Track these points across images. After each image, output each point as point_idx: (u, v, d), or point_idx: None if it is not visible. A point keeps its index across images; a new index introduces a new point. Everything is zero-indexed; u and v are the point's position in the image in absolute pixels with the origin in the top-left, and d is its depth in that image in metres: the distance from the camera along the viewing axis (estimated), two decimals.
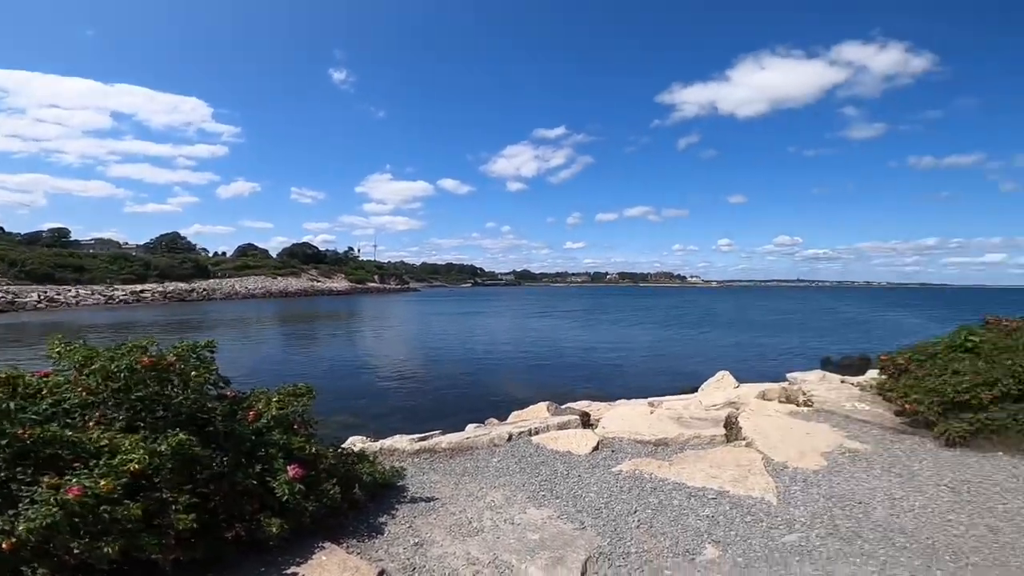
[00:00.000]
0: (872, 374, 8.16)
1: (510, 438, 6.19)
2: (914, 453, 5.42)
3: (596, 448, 5.90)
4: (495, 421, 8.44)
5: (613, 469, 5.22)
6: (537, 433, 6.38)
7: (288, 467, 3.60)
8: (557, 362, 23.36)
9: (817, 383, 8.47)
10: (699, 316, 55.93)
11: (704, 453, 5.66)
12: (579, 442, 6.03)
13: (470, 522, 4.05)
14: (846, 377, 9.05)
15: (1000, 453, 5.14)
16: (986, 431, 5.24)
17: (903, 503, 4.29)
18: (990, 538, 3.65)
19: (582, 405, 8.59)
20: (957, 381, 5.50)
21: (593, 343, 31.33)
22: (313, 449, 3.98)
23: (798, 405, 7.51)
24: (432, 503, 4.46)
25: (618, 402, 9.27)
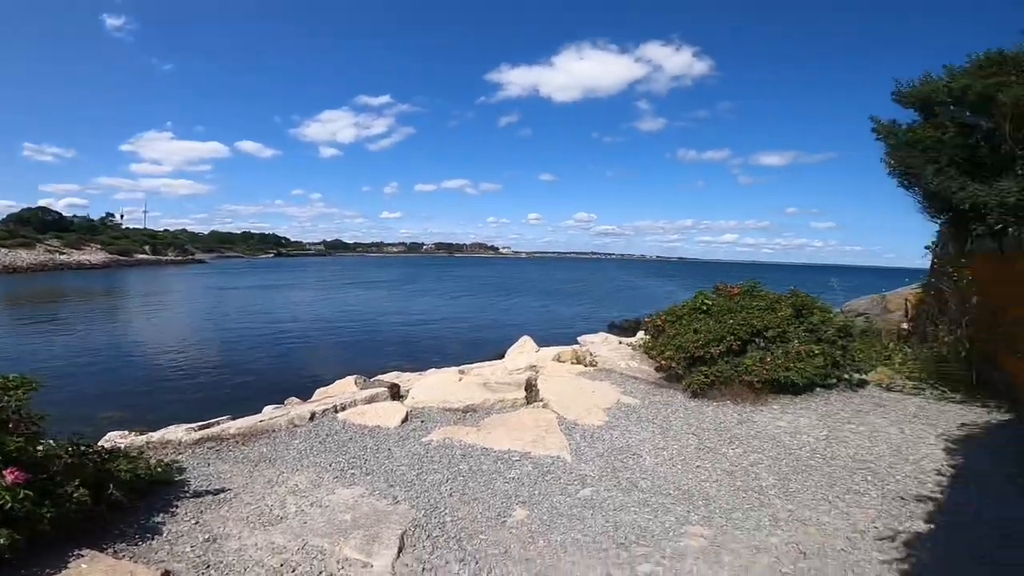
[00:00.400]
0: (641, 335, 9.54)
1: (312, 417, 5.84)
2: (669, 405, 6.48)
3: (406, 420, 5.89)
4: (296, 400, 7.87)
5: (424, 439, 5.27)
6: (344, 409, 6.13)
7: (4, 472, 2.97)
8: (368, 335, 22.71)
9: (601, 344, 9.62)
10: (509, 285, 59.66)
11: (508, 416, 6.03)
12: (388, 415, 5.95)
13: (271, 510, 3.82)
14: (623, 338, 10.45)
15: (728, 402, 6.42)
16: (718, 382, 6.52)
17: (664, 452, 5.02)
18: (727, 482, 4.41)
19: (392, 377, 8.48)
20: (696, 339, 6.73)
21: (407, 313, 31.23)
22: (40, 450, 3.32)
23: (586, 366, 8.45)
24: (222, 495, 4.04)
25: (429, 371, 9.36)
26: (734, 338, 6.50)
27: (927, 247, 10.13)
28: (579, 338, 10.80)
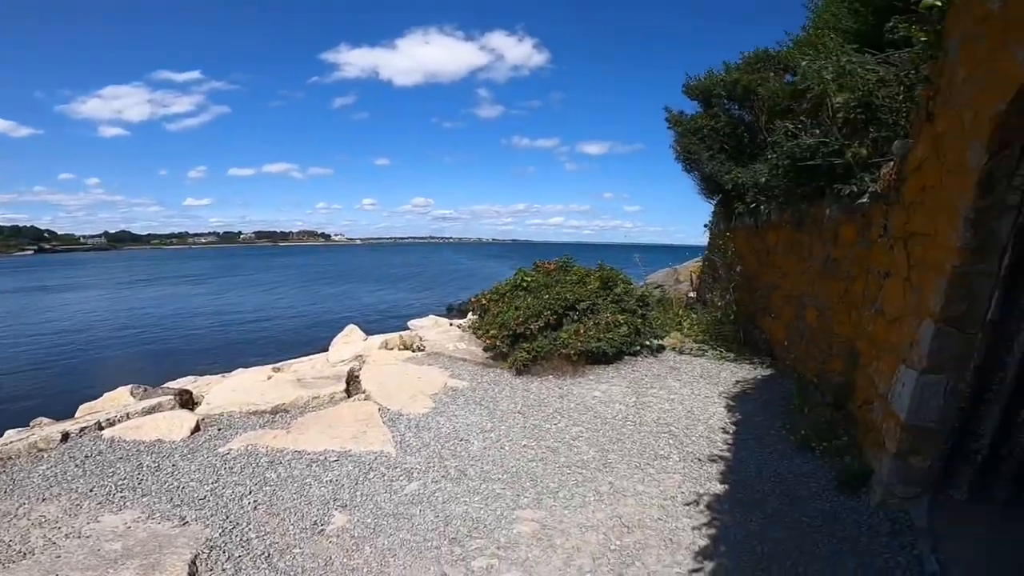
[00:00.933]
0: (472, 316, 9.57)
1: (66, 437, 4.75)
2: (496, 384, 6.53)
3: (197, 429, 5.07)
4: (47, 421, 6.34)
5: (220, 450, 4.59)
6: (112, 425, 5.09)
7: None
8: (163, 339, 19.63)
9: (431, 328, 9.44)
10: (340, 273, 56.49)
11: (324, 413, 5.54)
12: (173, 426, 5.05)
13: (8, 546, 3.24)
14: (455, 320, 10.40)
15: (550, 376, 6.68)
16: (539, 357, 6.76)
17: (492, 434, 5.01)
18: (552, 459, 4.52)
19: (184, 382, 7.28)
20: (516, 315, 6.91)
21: (216, 311, 27.70)
22: None
23: (414, 351, 8.19)
24: None
25: (235, 372, 8.27)
26: (551, 312, 6.78)
27: (705, 225, 11.83)
28: (409, 323, 10.49)
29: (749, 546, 3.22)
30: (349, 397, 6.13)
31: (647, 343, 7.56)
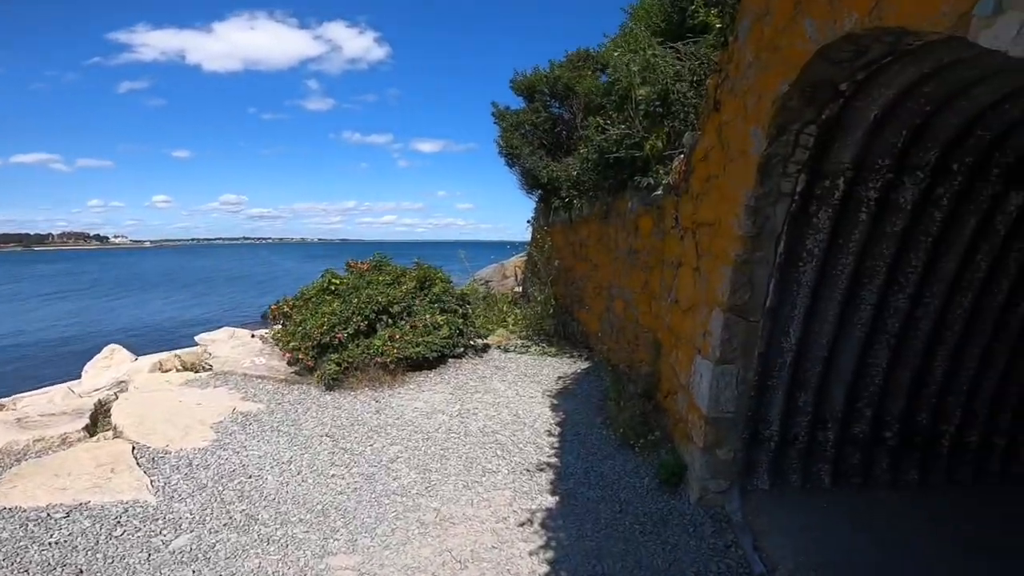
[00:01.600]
0: (276, 325, 8.36)
1: None
2: (301, 403, 5.66)
3: None
4: None
5: None
6: None
7: None
8: None
9: (225, 342, 8.03)
10: (118, 281, 47.09)
11: (51, 460, 4.27)
12: None
13: None
14: (257, 331, 9.02)
15: (366, 389, 6.00)
16: (352, 369, 6.03)
17: (292, 466, 4.26)
18: (367, 488, 3.92)
19: None
20: (320, 323, 6.10)
21: None
22: None
23: (197, 371, 6.81)
24: None
25: None
26: (361, 318, 6.09)
27: (528, 221, 12.11)
28: (198, 337, 8.85)
29: (589, 567, 3.02)
30: (92, 436, 4.78)
31: (471, 343, 7.28)
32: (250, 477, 4.07)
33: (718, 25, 3.54)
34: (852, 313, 3.10)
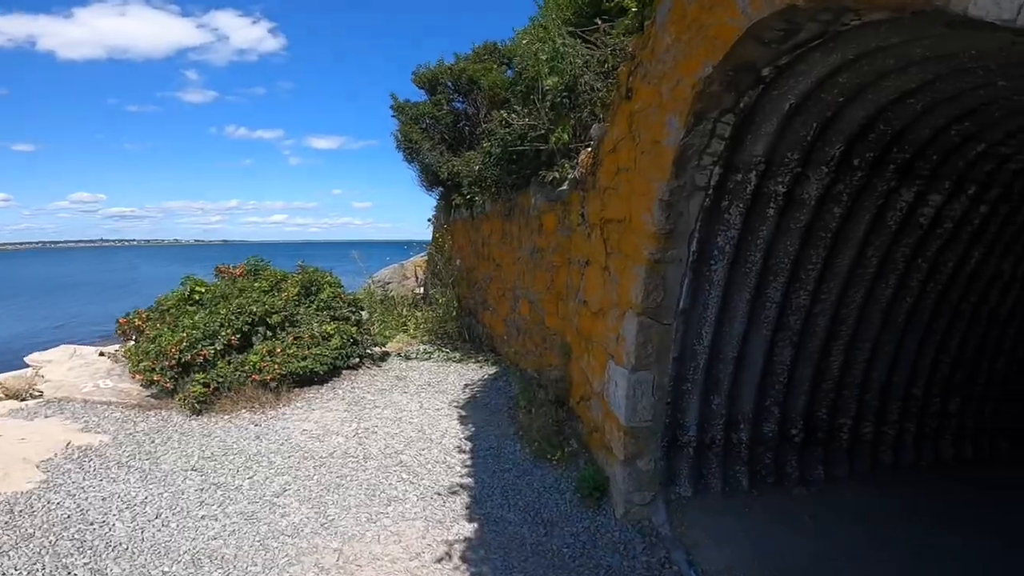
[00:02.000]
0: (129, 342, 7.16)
1: None
2: (159, 433, 4.81)
3: None
4: None
5: None
6: None
7: None
8: None
9: (63, 362, 6.73)
10: None
11: None
12: None
13: None
14: (107, 348, 7.70)
15: (243, 412, 5.22)
16: (223, 389, 5.21)
17: (148, 508, 3.57)
18: (248, 530, 3.31)
19: None
20: (177, 339, 5.21)
21: None
22: None
23: (23, 399, 5.60)
24: None
25: None
26: (231, 331, 5.27)
27: (429, 219, 11.59)
28: (29, 358, 7.37)
29: None
30: None
31: (368, 352, 6.68)
32: (91, 524, 3.37)
33: (633, 8, 3.35)
34: (760, 312, 3.04)
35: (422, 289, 12.28)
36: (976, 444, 4.01)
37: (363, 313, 7.04)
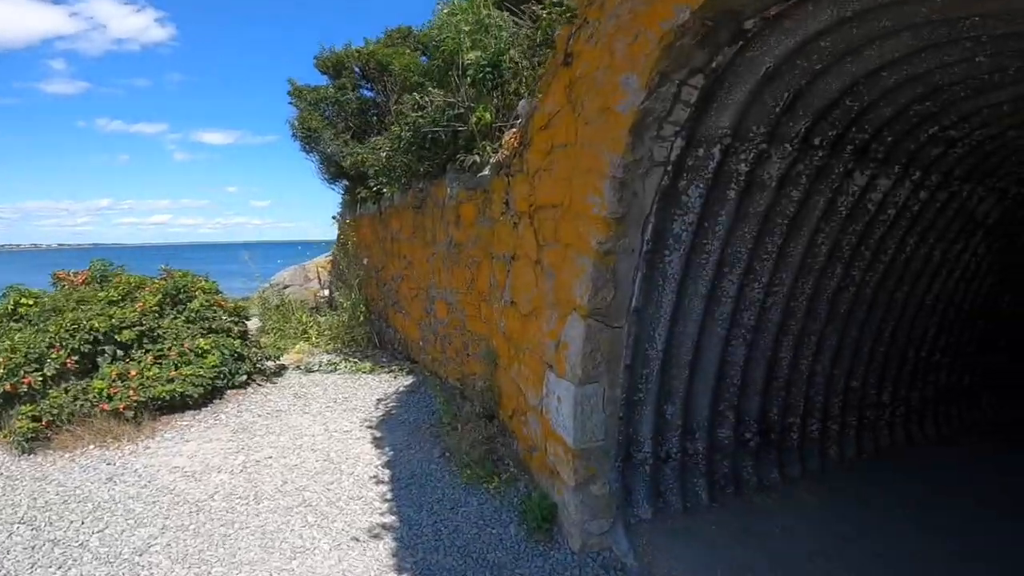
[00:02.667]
0: None
1: None
2: None
3: None
4: None
5: None
6: None
7: None
8: None
9: None
10: None
11: None
12: None
13: None
14: None
15: (91, 448, 4.17)
16: (60, 423, 4.10)
17: None
18: None
19: None
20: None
21: None
22: None
23: None
24: None
25: None
26: (65, 352, 4.16)
27: (333, 216, 10.54)
28: None
29: None
30: None
31: (260, 367, 5.74)
32: None
33: None
34: (714, 307, 2.70)
35: (327, 292, 11.25)
36: (907, 431, 4.01)
37: (250, 322, 6.05)
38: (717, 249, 2.52)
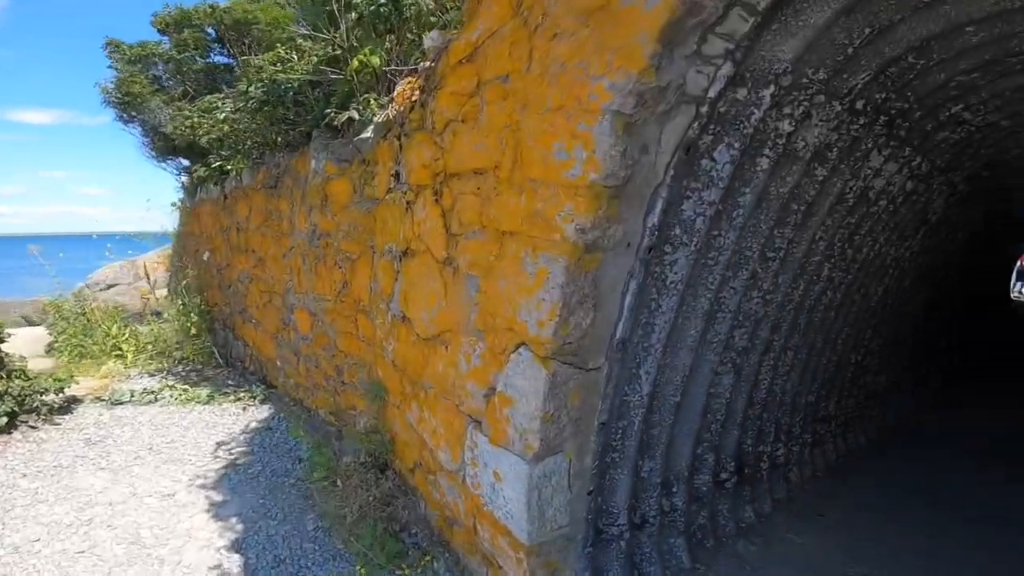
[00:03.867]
0: None
1: None
2: None
3: None
4: None
5: None
6: None
7: None
8: None
9: None
10: None
11: None
12: None
13: None
14: None
15: None
16: None
17: None
18: None
19: None
20: None
21: None
22: None
23: None
24: None
25: None
26: None
27: (173, 204, 8.45)
28: None
29: None
30: None
31: (35, 403, 4.06)
32: None
33: None
34: (710, 328, 1.91)
35: (164, 292, 9.18)
36: (845, 440, 3.65)
37: (27, 336, 4.29)
38: (730, 244, 1.73)
